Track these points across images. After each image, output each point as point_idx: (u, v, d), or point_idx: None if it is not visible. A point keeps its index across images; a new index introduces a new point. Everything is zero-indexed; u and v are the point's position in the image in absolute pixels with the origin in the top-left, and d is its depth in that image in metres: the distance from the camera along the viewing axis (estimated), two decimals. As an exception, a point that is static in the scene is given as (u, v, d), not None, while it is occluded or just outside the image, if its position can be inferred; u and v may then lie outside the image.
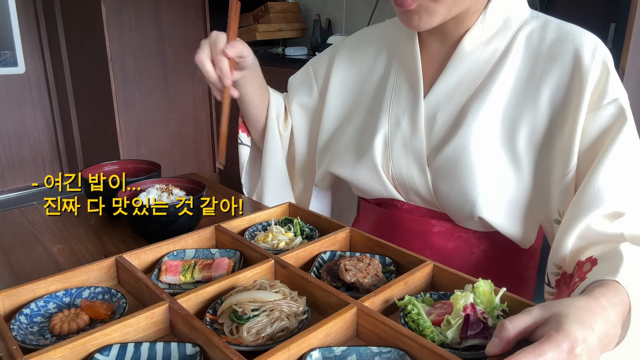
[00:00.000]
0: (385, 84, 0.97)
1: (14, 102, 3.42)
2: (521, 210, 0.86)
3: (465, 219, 0.89)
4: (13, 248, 0.91)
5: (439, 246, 0.93)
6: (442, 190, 0.87)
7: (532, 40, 0.84)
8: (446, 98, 0.88)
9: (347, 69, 1.04)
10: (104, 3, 2.90)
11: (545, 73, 0.81)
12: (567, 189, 0.78)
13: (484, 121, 0.84)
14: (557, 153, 0.80)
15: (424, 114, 0.89)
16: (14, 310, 0.64)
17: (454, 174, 0.85)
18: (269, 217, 0.92)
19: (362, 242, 0.82)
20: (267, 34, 3.12)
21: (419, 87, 0.90)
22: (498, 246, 0.93)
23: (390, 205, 0.98)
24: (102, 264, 0.71)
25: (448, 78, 0.88)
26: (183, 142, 3.49)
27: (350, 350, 0.56)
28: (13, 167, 3.52)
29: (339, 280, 0.70)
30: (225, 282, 0.67)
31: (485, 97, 0.84)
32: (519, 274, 0.98)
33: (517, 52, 0.84)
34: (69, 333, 0.61)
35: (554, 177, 0.81)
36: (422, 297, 0.66)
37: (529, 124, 0.82)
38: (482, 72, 0.86)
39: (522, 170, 0.83)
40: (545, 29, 0.84)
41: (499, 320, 0.60)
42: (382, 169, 0.93)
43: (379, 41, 1.02)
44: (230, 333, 0.59)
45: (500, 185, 0.84)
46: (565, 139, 0.79)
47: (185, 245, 0.80)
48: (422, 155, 0.89)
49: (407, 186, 0.92)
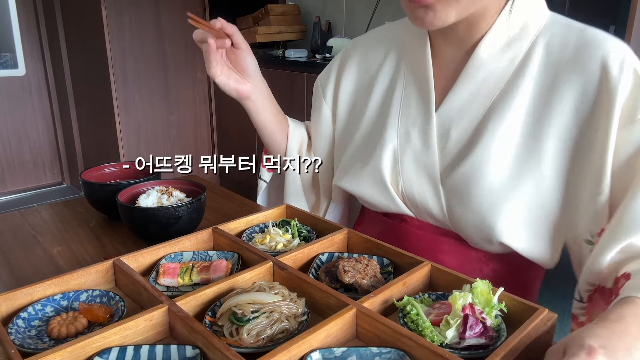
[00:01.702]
0: (393, 92, 0.91)
1: (14, 104, 3.43)
2: (546, 230, 0.79)
3: (482, 243, 0.83)
4: (13, 250, 0.91)
5: (447, 264, 0.86)
6: (457, 212, 0.81)
7: (553, 46, 0.77)
8: (461, 111, 0.81)
9: (357, 73, 0.99)
10: (104, 5, 2.91)
11: (570, 82, 0.75)
12: (600, 209, 0.73)
13: (503, 136, 0.77)
14: (588, 169, 0.74)
15: (437, 128, 0.83)
16: (12, 314, 0.64)
17: (469, 195, 0.78)
18: (267, 219, 0.91)
19: (360, 243, 0.81)
20: (267, 36, 3.12)
21: (430, 98, 0.84)
22: (510, 265, 0.87)
23: (398, 217, 0.93)
24: (100, 267, 0.71)
25: (463, 89, 0.81)
26: (183, 144, 3.49)
27: (350, 351, 0.56)
28: (13, 169, 3.53)
29: (338, 282, 0.70)
30: (224, 284, 0.67)
31: (505, 110, 0.78)
32: (525, 287, 0.93)
33: (537, 60, 0.78)
34: (67, 336, 0.60)
35: (583, 195, 0.75)
36: (421, 297, 0.66)
37: (555, 138, 0.75)
38: (500, 81, 0.79)
39: (548, 188, 0.77)
40: (567, 34, 0.77)
41: (498, 320, 0.60)
42: (391, 185, 0.88)
43: (389, 42, 0.96)
44: (230, 335, 0.59)
45: (523, 207, 0.77)
46: (596, 155, 0.73)
47: (182, 248, 0.80)
48: (434, 174, 0.83)
49: (418, 205, 0.86)
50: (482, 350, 0.57)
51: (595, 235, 0.74)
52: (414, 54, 0.89)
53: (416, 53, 0.88)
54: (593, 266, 0.71)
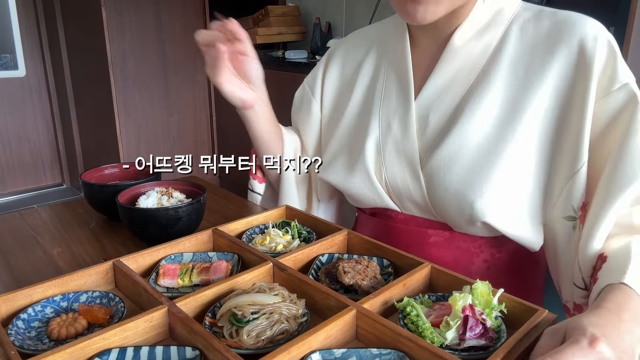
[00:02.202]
0: (375, 85, 0.93)
1: (14, 105, 3.43)
2: (528, 209, 0.81)
3: (465, 225, 0.84)
4: (13, 251, 0.91)
5: (437, 257, 0.89)
6: (437, 194, 0.83)
7: (527, 31, 0.81)
8: (439, 98, 0.84)
9: (340, 70, 1.02)
10: (104, 5, 2.91)
11: (547, 61, 0.77)
12: (580, 183, 0.75)
13: (480, 118, 0.80)
14: (566, 145, 0.76)
15: (416, 115, 0.86)
16: (11, 316, 0.64)
17: (449, 177, 0.80)
18: (267, 220, 0.92)
19: (360, 244, 0.81)
20: (267, 37, 3.12)
21: (409, 87, 0.87)
22: (500, 254, 0.89)
23: (385, 215, 0.95)
24: (100, 268, 0.71)
25: (439, 76, 0.84)
26: (183, 145, 3.49)
27: (350, 352, 0.56)
28: (13, 170, 3.53)
29: (338, 283, 0.70)
30: (224, 285, 0.66)
31: (481, 94, 0.80)
32: (524, 282, 0.94)
33: (511, 45, 0.81)
34: (67, 338, 0.60)
35: (562, 170, 0.77)
36: (421, 298, 0.66)
37: (533, 117, 0.78)
38: (475, 67, 0.82)
39: (526, 166, 0.79)
40: (539, 18, 0.81)
41: (498, 321, 0.60)
42: (375, 176, 0.89)
43: (370, 40, 0.99)
44: (230, 336, 0.59)
45: (502, 186, 0.79)
46: (573, 129, 0.75)
47: (182, 249, 0.80)
48: (414, 159, 0.85)
49: (401, 193, 0.88)
50: (482, 352, 0.57)
51: (577, 209, 0.76)
52: (394, 46, 0.91)
53: (396, 45, 0.90)
54: (586, 253, 0.71)
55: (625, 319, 0.54)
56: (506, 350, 0.53)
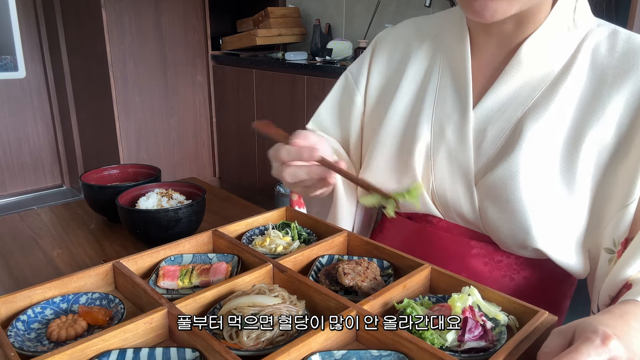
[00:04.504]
0: (427, 84, 0.87)
1: (14, 106, 3.44)
2: (577, 238, 0.78)
3: (516, 248, 0.80)
4: (13, 253, 0.91)
5: (477, 270, 0.84)
6: (491, 215, 0.78)
7: (600, 51, 0.75)
8: (499, 111, 0.79)
9: (387, 61, 0.94)
10: (104, 7, 2.92)
11: (614, 88, 0.73)
12: (627, 219, 0.72)
13: (541, 139, 0.75)
14: (620, 178, 0.73)
15: (473, 126, 0.80)
16: (11, 317, 0.64)
17: (506, 198, 0.75)
18: (266, 222, 0.91)
19: (360, 245, 0.81)
20: (267, 38, 3.12)
21: (467, 94, 0.81)
22: (541, 274, 0.85)
23: (424, 220, 0.89)
24: (100, 270, 0.71)
25: (503, 88, 0.78)
26: (183, 146, 3.49)
27: (351, 353, 0.56)
28: (13, 171, 3.53)
29: (338, 284, 0.70)
30: (223, 286, 0.66)
31: (544, 112, 0.75)
32: (556, 302, 0.90)
33: (582, 64, 0.75)
34: (67, 339, 0.60)
35: (612, 204, 0.74)
36: (421, 300, 0.66)
37: (593, 145, 0.73)
38: (541, 83, 0.77)
39: (579, 195, 0.75)
40: (614, 39, 0.76)
41: (511, 320, 0.60)
42: (422, 182, 0.84)
43: (423, 34, 0.92)
44: (230, 338, 0.59)
45: (556, 212, 0.75)
46: (630, 163, 0.71)
47: (182, 250, 0.80)
48: (469, 173, 0.80)
49: (449, 204, 0.83)
50: (482, 353, 0.56)
51: (618, 244, 0.73)
52: (451, 48, 0.85)
53: (454, 47, 0.84)
54: (616, 278, 0.70)
55: (633, 326, 0.54)
56: (506, 352, 0.53)
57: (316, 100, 2.62)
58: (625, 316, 0.56)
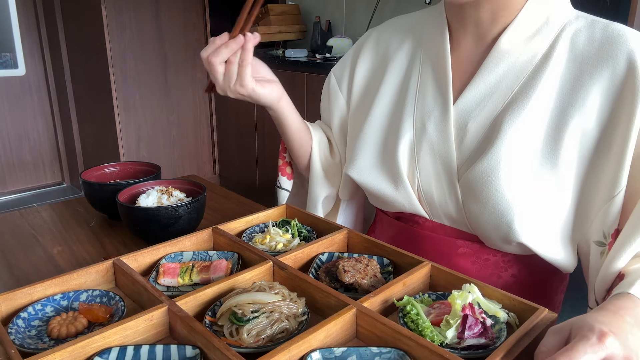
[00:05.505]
0: (409, 80, 0.87)
1: (14, 104, 3.43)
2: (563, 231, 0.77)
3: (500, 243, 0.80)
4: (13, 250, 0.91)
5: (464, 269, 0.85)
6: (474, 210, 0.78)
7: (578, 41, 0.75)
8: (479, 105, 0.79)
9: (371, 61, 0.95)
10: (104, 5, 2.91)
11: (594, 77, 0.72)
12: (615, 210, 0.71)
13: (522, 132, 0.74)
14: (605, 169, 0.72)
15: (454, 121, 0.80)
16: (11, 314, 0.64)
17: (487, 193, 0.75)
18: (267, 219, 0.92)
19: (360, 243, 0.81)
20: (267, 36, 3.12)
21: (447, 89, 0.81)
22: (528, 270, 0.85)
23: (411, 220, 0.89)
24: (100, 267, 0.71)
25: (482, 82, 0.78)
26: (183, 143, 3.49)
27: (350, 350, 0.56)
28: (13, 169, 3.53)
29: (338, 282, 0.70)
30: (224, 284, 0.67)
31: (524, 105, 0.75)
32: (547, 298, 0.90)
33: (560, 54, 0.75)
34: (67, 336, 0.61)
35: (599, 196, 0.73)
36: (421, 297, 0.66)
37: (575, 135, 0.73)
38: (520, 76, 0.77)
39: (564, 188, 0.75)
40: (592, 28, 0.75)
41: (511, 317, 0.60)
42: (407, 179, 0.84)
43: (404, 31, 0.92)
44: (230, 335, 0.59)
45: (540, 206, 0.75)
46: (614, 154, 0.71)
47: (182, 248, 0.80)
48: (451, 168, 0.80)
49: (434, 201, 0.83)
50: (482, 350, 0.57)
51: (608, 236, 0.73)
52: (431, 43, 0.86)
53: (434, 42, 0.85)
54: (609, 270, 0.70)
55: (628, 322, 0.55)
56: (506, 349, 0.53)
57: (316, 97, 2.62)
58: (619, 312, 0.56)
